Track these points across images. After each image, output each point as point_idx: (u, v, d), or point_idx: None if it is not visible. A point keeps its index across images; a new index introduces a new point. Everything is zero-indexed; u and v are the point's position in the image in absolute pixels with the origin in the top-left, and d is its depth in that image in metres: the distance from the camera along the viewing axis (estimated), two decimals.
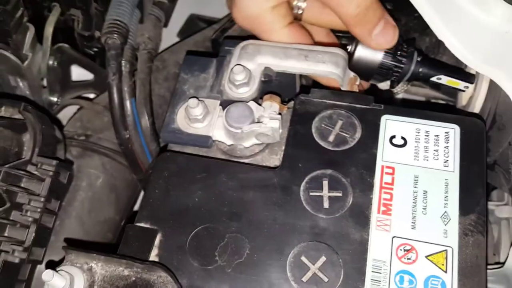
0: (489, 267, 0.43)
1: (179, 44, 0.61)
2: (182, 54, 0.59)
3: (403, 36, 0.44)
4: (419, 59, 0.44)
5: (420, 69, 0.44)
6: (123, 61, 0.46)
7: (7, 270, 0.37)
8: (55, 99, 0.58)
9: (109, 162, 0.51)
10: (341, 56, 0.41)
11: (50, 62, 0.55)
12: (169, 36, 0.70)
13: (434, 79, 0.45)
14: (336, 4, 0.40)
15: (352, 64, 0.44)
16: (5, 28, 0.47)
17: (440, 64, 0.46)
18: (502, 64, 0.39)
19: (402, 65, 0.43)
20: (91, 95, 0.61)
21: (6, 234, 0.37)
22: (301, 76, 0.47)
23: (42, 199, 0.38)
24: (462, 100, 0.49)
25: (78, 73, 0.61)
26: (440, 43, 0.43)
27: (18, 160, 0.38)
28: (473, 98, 0.46)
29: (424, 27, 0.46)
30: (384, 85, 0.49)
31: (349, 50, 0.45)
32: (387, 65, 0.43)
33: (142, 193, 0.57)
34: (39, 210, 0.38)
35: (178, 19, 0.74)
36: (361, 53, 0.43)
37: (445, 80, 0.45)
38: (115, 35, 0.44)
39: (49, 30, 0.52)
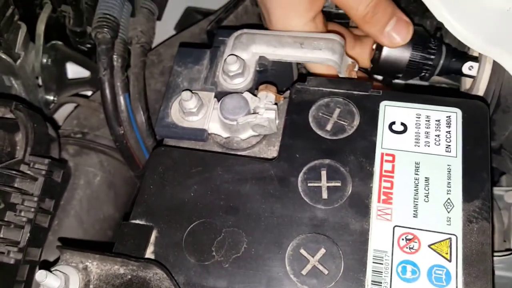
0: (499, 254, 0.41)
1: (175, 37, 0.61)
2: None
3: (430, 31, 0.44)
4: (447, 51, 0.44)
5: (451, 61, 0.44)
6: (114, 56, 0.45)
7: (3, 271, 0.37)
8: (51, 97, 0.57)
9: (107, 160, 0.50)
10: (337, 42, 0.40)
11: (44, 60, 0.54)
12: (166, 30, 0.70)
13: (465, 69, 0.44)
14: (346, 6, 0.41)
15: (380, 64, 0.43)
16: None
17: (468, 54, 0.45)
18: (506, 43, 0.38)
19: (431, 60, 0.43)
20: (89, 93, 0.61)
21: (0, 235, 0.37)
22: (298, 65, 0.46)
23: (36, 199, 0.38)
24: (466, 83, 0.48)
25: (74, 71, 0.60)
26: (441, 26, 0.41)
27: (10, 160, 0.38)
28: (476, 81, 0.44)
29: (423, 10, 0.45)
30: None
31: (374, 50, 0.45)
32: (416, 62, 0.43)
33: None
34: (33, 210, 0.37)
35: (174, 13, 0.74)
36: (388, 52, 0.43)
37: (476, 68, 0.44)
38: (105, 29, 0.43)
39: (41, 27, 0.52)
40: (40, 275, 0.30)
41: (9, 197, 0.38)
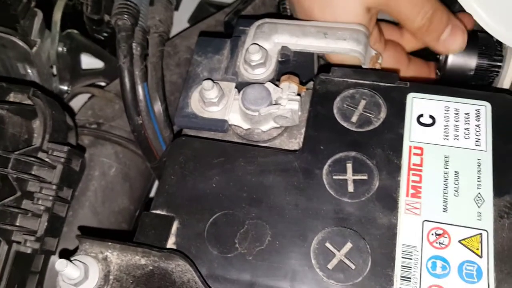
0: None
1: (190, 29, 0.60)
2: (194, 39, 0.57)
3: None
4: None
5: None
6: (134, 44, 0.44)
7: (19, 261, 0.36)
8: (65, 87, 0.56)
9: (122, 151, 0.50)
10: (362, 33, 0.39)
11: (60, 49, 0.53)
12: (180, 22, 0.69)
13: None
14: (402, 18, 0.41)
15: (447, 72, 0.43)
16: (13, 13, 0.46)
17: None
18: None
19: (498, 66, 0.42)
20: (102, 84, 0.60)
21: (17, 224, 0.36)
22: (319, 56, 0.45)
23: (54, 187, 0.37)
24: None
25: (88, 62, 0.60)
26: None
27: (28, 147, 0.37)
28: (501, 74, 0.44)
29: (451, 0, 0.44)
30: None
31: (440, 58, 0.45)
32: (483, 68, 0.42)
33: (156, 182, 0.56)
34: (51, 198, 0.37)
35: (188, 5, 0.73)
36: (454, 60, 0.43)
37: None
38: (125, 16, 0.42)
39: (57, 15, 0.51)
40: (60, 264, 0.29)
41: (26, 185, 0.37)
